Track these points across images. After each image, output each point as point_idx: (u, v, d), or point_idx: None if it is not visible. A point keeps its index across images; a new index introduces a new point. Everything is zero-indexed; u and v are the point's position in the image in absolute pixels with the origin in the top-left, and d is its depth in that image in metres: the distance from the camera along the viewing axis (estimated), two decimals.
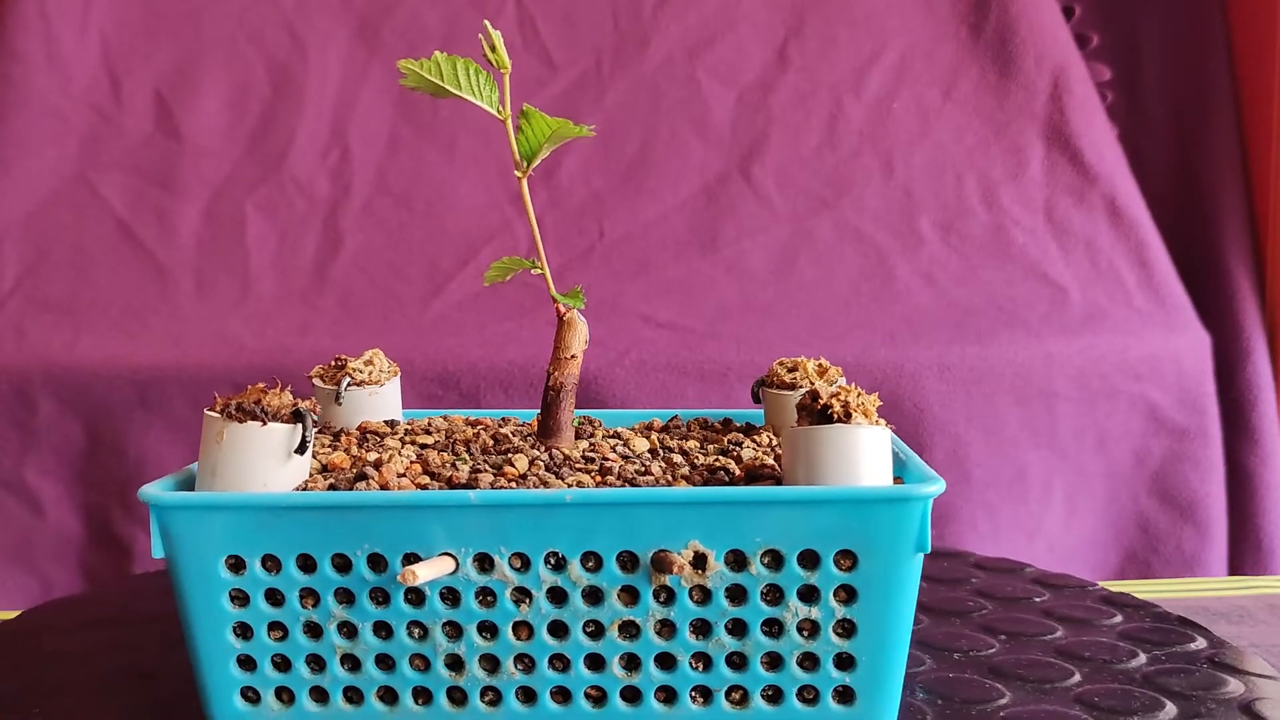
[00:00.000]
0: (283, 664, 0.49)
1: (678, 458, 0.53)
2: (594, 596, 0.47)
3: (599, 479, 0.49)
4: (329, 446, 0.56)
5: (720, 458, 0.53)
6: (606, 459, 0.52)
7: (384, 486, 0.49)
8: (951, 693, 0.55)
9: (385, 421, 0.60)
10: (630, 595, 0.47)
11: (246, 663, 0.49)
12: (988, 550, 1.03)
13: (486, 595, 0.47)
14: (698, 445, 0.56)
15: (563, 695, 0.48)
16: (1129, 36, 1.25)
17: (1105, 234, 1.16)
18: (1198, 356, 1.09)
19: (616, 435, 0.57)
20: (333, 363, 0.62)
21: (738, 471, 0.50)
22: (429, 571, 0.45)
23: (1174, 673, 0.57)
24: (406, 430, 0.59)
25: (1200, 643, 0.61)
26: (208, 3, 1.17)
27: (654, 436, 0.57)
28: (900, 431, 1.03)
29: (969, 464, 1.05)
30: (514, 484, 0.48)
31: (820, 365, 0.60)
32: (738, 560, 0.46)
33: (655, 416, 0.63)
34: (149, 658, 0.61)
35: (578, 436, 0.56)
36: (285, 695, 0.49)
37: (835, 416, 0.46)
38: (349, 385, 0.60)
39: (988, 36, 1.20)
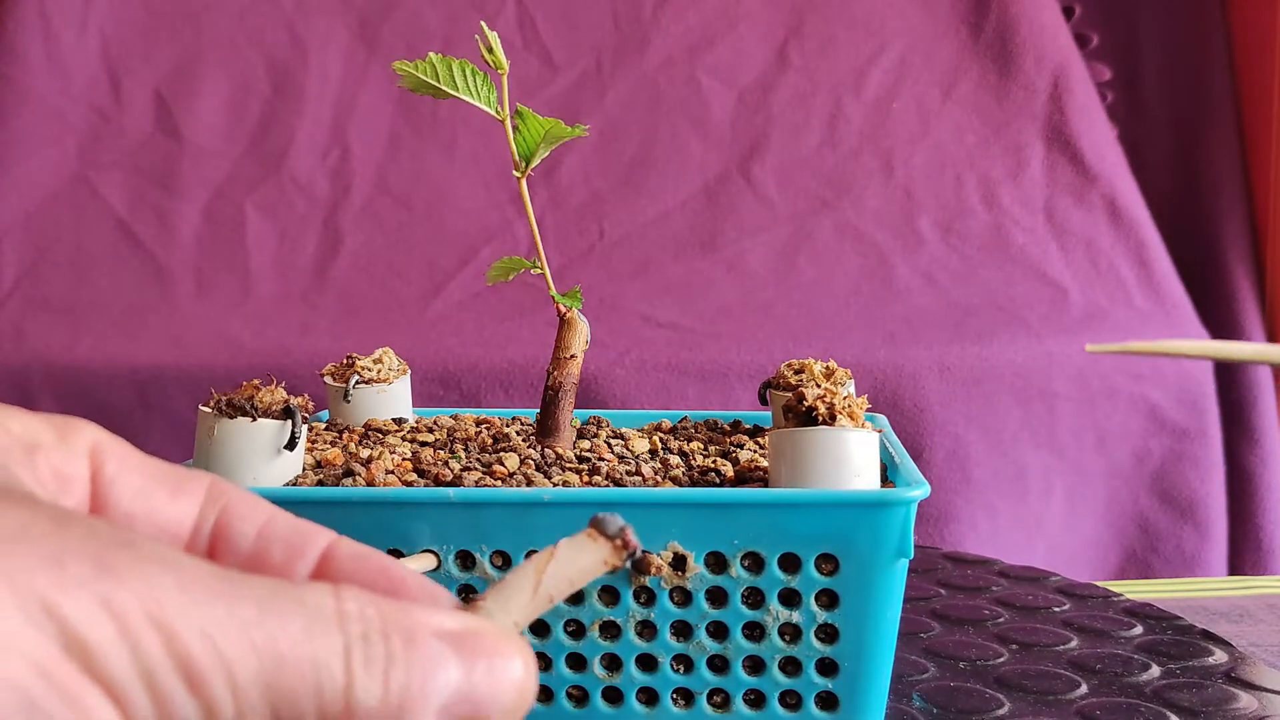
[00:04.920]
0: None
1: (675, 459, 0.52)
2: (575, 596, 0.46)
3: (586, 479, 0.49)
4: (330, 443, 0.56)
5: (719, 460, 0.52)
6: (602, 459, 0.52)
7: (370, 483, 0.48)
8: (949, 702, 0.54)
9: (393, 419, 0.60)
10: (611, 595, 0.46)
11: None
12: (987, 550, 1.03)
13: (468, 593, 0.47)
14: (700, 447, 0.55)
15: (545, 694, 0.48)
16: (1129, 36, 1.25)
17: (1105, 234, 1.16)
18: None
19: (619, 436, 0.57)
20: (344, 361, 0.63)
21: (729, 474, 0.50)
22: (410, 567, 0.45)
23: (1186, 687, 0.55)
24: (411, 428, 0.59)
25: (1219, 656, 0.59)
26: (208, 3, 1.17)
27: (656, 438, 0.56)
28: (900, 431, 1.03)
29: (969, 464, 1.05)
30: (500, 483, 0.48)
31: (828, 368, 0.59)
32: (718, 562, 0.45)
33: (665, 418, 0.62)
34: None
35: (582, 437, 0.56)
36: None
37: (820, 419, 0.46)
38: (357, 383, 0.61)
39: (988, 36, 1.20)
